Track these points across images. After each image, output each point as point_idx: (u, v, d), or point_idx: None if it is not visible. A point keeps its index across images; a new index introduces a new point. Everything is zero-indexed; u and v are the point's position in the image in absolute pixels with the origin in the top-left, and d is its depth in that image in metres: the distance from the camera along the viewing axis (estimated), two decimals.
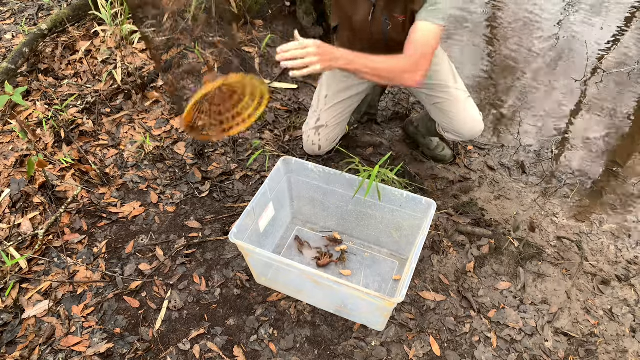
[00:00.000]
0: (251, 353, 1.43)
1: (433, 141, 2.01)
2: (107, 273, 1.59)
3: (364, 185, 1.50)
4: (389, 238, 1.65)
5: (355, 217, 1.66)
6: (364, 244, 1.71)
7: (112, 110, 2.09)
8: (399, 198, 1.51)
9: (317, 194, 1.66)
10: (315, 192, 1.65)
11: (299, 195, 1.71)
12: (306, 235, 1.74)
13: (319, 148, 1.84)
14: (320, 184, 1.62)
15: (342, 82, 1.75)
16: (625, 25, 2.96)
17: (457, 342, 1.48)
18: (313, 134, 1.82)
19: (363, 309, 1.42)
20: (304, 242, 1.70)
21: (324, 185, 1.61)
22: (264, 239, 1.61)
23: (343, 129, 1.89)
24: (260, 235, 1.57)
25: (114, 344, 1.43)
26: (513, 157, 2.12)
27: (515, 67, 2.65)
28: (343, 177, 1.54)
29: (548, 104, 2.42)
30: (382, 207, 1.57)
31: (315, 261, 1.65)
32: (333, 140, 1.86)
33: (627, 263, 1.72)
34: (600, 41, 2.83)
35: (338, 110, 1.79)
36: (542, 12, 3.03)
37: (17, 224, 1.67)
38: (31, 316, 1.48)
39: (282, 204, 1.67)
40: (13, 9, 2.57)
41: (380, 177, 1.56)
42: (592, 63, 2.67)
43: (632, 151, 2.22)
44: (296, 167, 1.61)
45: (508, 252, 1.71)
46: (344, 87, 1.76)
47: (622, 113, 2.39)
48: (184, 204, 1.81)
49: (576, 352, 1.48)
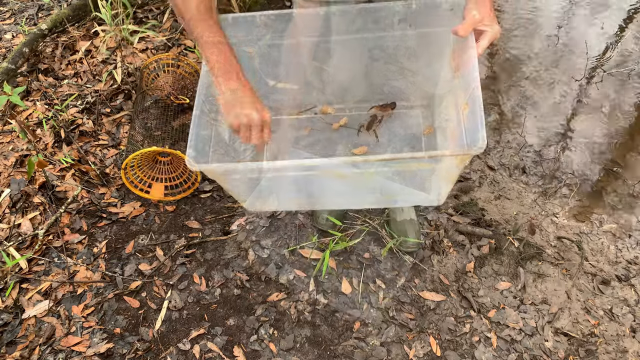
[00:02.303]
0: (251, 353, 1.43)
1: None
2: (107, 273, 1.59)
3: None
4: (399, 83, 1.29)
5: (344, 71, 1.27)
6: (364, 106, 1.33)
7: (112, 110, 2.09)
8: (405, 14, 1.11)
9: (280, 56, 1.21)
10: (277, 53, 1.20)
11: (259, 65, 1.26)
12: (284, 124, 1.36)
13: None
14: (280, 40, 1.17)
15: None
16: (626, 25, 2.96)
17: (457, 342, 1.48)
18: None
19: (419, 184, 1.07)
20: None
21: (286, 39, 1.17)
22: (232, 150, 1.20)
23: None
24: (227, 145, 1.18)
25: (114, 344, 1.43)
26: (513, 157, 2.12)
27: (515, 67, 2.64)
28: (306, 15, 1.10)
29: (548, 104, 2.42)
30: (382, 41, 1.18)
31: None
32: None
33: (627, 263, 1.72)
34: (601, 41, 2.83)
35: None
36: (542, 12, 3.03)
37: (17, 224, 1.67)
38: (31, 316, 1.48)
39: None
40: (13, 9, 2.57)
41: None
42: (592, 63, 2.67)
43: (632, 151, 2.22)
44: (237, 30, 1.13)
45: (508, 252, 1.71)
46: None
47: (622, 113, 2.39)
48: (184, 204, 1.81)
49: (576, 352, 1.48)
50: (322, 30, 1.18)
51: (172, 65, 1.96)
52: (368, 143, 1.29)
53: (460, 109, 1.04)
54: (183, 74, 1.96)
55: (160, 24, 2.42)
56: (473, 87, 0.96)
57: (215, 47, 0.97)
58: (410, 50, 1.21)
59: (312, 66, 1.30)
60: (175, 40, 2.34)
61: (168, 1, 0.91)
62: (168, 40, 2.33)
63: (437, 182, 1.08)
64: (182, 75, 1.95)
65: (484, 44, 1.03)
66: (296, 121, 1.35)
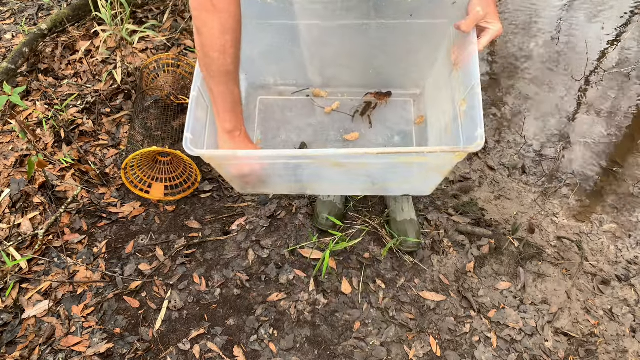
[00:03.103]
0: (251, 353, 1.43)
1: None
2: (107, 273, 1.59)
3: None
4: (393, 71, 1.29)
5: (340, 56, 1.24)
6: (357, 91, 1.33)
7: (112, 110, 2.09)
8: (407, 4, 1.11)
9: (276, 38, 1.20)
10: (273, 35, 1.19)
11: (252, 44, 1.23)
12: (273, 105, 1.35)
13: None
14: (278, 20, 1.17)
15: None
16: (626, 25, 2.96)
17: (457, 342, 1.48)
18: None
19: (413, 175, 1.09)
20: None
21: (287, 20, 1.16)
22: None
23: None
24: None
25: (114, 344, 1.43)
26: (513, 157, 2.12)
27: (515, 67, 2.64)
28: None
29: (548, 104, 2.42)
30: (381, 29, 1.18)
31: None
32: None
33: (627, 263, 1.72)
34: (601, 41, 2.83)
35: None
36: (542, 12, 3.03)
37: (17, 224, 1.67)
38: (31, 316, 1.48)
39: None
40: (13, 9, 2.57)
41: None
42: (592, 63, 2.67)
43: (632, 151, 2.22)
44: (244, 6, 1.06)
45: (508, 252, 1.71)
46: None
47: (622, 113, 2.39)
48: (184, 204, 1.81)
49: (576, 352, 1.48)
50: (323, 15, 1.18)
51: (172, 65, 1.96)
52: (360, 129, 1.29)
53: (457, 104, 1.04)
54: (183, 74, 1.96)
55: (160, 24, 2.42)
56: (473, 84, 0.96)
57: (236, 106, 1.01)
58: (409, 40, 1.22)
59: (308, 49, 1.29)
60: (175, 40, 2.34)
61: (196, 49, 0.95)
62: (168, 40, 2.33)
63: (428, 174, 1.09)
64: (182, 75, 1.95)
65: (485, 41, 1.04)
66: (288, 102, 1.35)
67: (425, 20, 1.16)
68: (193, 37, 2.39)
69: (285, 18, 1.18)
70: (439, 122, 1.12)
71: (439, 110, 1.15)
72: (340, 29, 1.20)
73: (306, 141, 1.33)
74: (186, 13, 2.49)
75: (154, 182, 1.78)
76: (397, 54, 1.27)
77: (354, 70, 1.36)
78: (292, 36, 1.22)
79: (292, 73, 1.32)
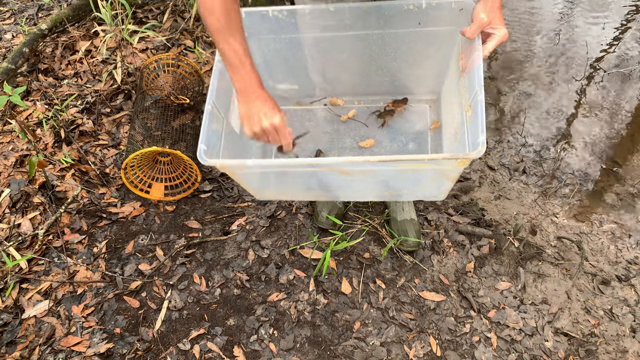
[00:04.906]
0: (251, 353, 1.43)
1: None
2: (107, 273, 1.59)
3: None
4: (407, 78, 1.32)
5: (354, 65, 1.28)
6: (374, 99, 1.37)
7: (112, 110, 2.09)
8: (415, 12, 1.14)
9: (290, 51, 1.25)
10: (287, 48, 1.24)
11: (265, 59, 1.29)
12: (292, 115, 1.38)
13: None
14: (291, 34, 1.22)
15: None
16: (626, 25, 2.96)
17: (457, 342, 1.48)
18: None
19: (423, 181, 1.11)
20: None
21: (299, 33, 1.21)
22: (239, 140, 1.22)
23: None
24: (237, 137, 1.21)
25: (114, 344, 1.43)
26: (513, 157, 2.12)
27: (515, 67, 2.64)
28: (319, 11, 1.15)
29: (548, 104, 2.42)
30: (392, 38, 1.22)
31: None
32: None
33: (627, 263, 1.72)
34: (601, 41, 2.83)
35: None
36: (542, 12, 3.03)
37: (17, 224, 1.67)
38: (31, 316, 1.48)
39: None
40: (13, 9, 2.57)
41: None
42: (592, 63, 2.66)
43: (632, 151, 2.22)
44: (251, 23, 1.19)
45: (508, 252, 1.71)
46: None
47: (622, 113, 2.39)
48: (184, 204, 1.81)
49: (576, 352, 1.48)
50: (333, 25, 1.23)
51: (172, 65, 1.96)
52: (375, 136, 1.32)
53: (464, 110, 1.07)
54: (183, 74, 1.96)
55: (160, 24, 2.42)
56: (476, 91, 0.98)
57: (240, 63, 1.03)
58: (420, 47, 1.25)
59: (321, 60, 1.34)
60: (175, 40, 2.34)
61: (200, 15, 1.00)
62: (168, 40, 2.33)
63: (439, 180, 1.11)
64: (182, 75, 1.95)
65: (490, 46, 1.06)
66: (306, 112, 1.39)
67: (433, 27, 1.19)
68: (193, 37, 2.39)
69: (298, 32, 1.24)
70: (451, 127, 1.15)
71: (451, 116, 1.18)
72: (352, 39, 1.24)
73: (322, 149, 1.37)
74: (186, 13, 2.49)
75: (154, 182, 1.78)
76: (411, 61, 1.30)
77: (369, 78, 1.39)
78: (305, 48, 1.27)
79: (308, 83, 1.36)
